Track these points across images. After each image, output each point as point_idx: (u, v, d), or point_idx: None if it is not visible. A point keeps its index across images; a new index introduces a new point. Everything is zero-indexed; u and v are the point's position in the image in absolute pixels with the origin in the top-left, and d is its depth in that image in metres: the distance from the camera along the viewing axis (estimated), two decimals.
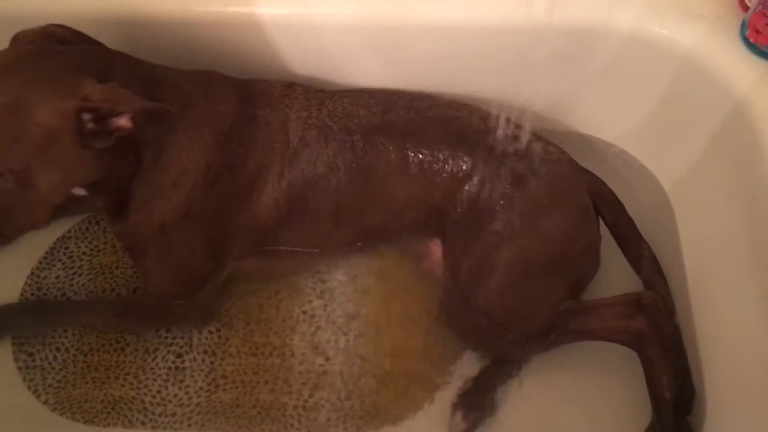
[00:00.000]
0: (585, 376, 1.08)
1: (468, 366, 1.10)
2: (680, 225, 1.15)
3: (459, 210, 1.03)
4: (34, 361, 1.11)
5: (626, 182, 1.19)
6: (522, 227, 1.00)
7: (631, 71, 1.11)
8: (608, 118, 1.21)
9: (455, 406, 1.05)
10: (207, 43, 1.10)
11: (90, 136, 0.84)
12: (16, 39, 0.90)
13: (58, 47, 0.88)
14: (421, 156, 1.03)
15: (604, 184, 1.09)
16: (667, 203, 1.19)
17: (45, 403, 1.08)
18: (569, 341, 1.04)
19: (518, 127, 1.08)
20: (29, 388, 1.09)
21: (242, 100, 1.01)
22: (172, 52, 1.08)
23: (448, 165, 1.03)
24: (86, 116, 0.82)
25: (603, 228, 1.07)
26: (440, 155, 1.03)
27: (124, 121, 0.84)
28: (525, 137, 1.06)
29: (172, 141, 0.94)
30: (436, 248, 1.10)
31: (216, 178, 0.98)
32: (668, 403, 0.98)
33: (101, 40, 1.05)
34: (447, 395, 1.07)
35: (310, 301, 1.15)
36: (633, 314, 1.00)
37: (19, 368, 1.10)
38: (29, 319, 1.12)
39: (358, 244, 1.14)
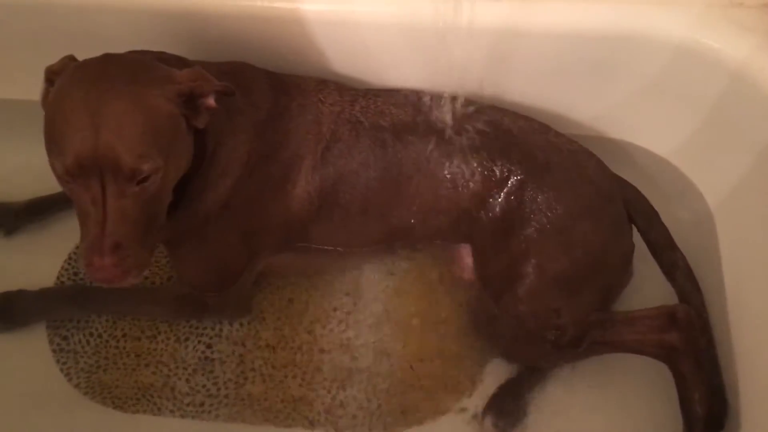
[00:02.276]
0: (616, 387, 1.07)
1: (497, 372, 1.09)
2: (721, 238, 1.13)
3: (490, 215, 1.03)
4: (68, 344, 1.13)
5: (668, 194, 1.18)
6: (553, 234, 0.99)
7: (680, 83, 1.09)
8: (655, 129, 1.19)
9: (485, 412, 1.05)
10: (250, 37, 1.10)
11: (191, 117, 0.86)
12: (55, 71, 0.84)
13: (111, 54, 0.88)
14: (451, 159, 1.02)
15: (638, 192, 1.07)
16: (710, 217, 1.17)
17: (77, 386, 1.10)
18: (600, 352, 1.04)
19: (555, 134, 1.07)
20: (62, 371, 1.11)
21: (275, 90, 1.02)
22: (214, 46, 1.09)
23: (479, 169, 1.02)
24: (182, 99, 0.84)
25: (637, 237, 1.05)
26: (471, 159, 1.02)
27: (211, 100, 0.86)
28: (560, 144, 1.05)
29: (221, 130, 0.95)
30: (466, 253, 1.10)
31: (254, 168, 0.98)
32: (700, 418, 0.97)
33: (140, 33, 1.06)
34: (474, 400, 1.07)
35: (340, 299, 1.16)
36: (666, 328, 0.99)
37: (54, 351, 1.12)
38: (65, 304, 1.14)
39: (387, 245, 1.14)
